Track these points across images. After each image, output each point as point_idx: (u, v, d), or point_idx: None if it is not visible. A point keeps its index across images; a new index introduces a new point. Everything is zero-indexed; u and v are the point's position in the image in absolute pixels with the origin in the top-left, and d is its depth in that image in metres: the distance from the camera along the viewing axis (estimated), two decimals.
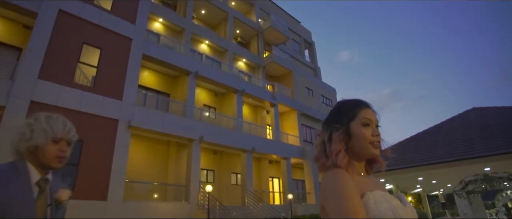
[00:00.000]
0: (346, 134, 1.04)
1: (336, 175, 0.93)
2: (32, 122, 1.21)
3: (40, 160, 1.19)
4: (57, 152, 1.22)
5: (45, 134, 1.19)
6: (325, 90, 26.46)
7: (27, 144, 1.18)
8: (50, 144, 1.20)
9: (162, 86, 16.08)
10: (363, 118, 1.05)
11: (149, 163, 14.05)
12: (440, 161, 9.00)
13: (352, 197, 0.87)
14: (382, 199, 0.91)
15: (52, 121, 1.23)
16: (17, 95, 9.46)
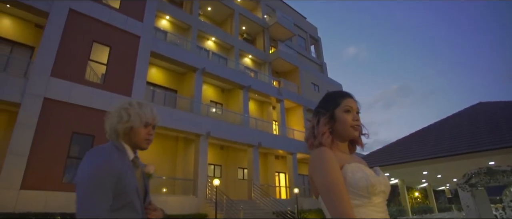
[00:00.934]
0: (331, 119, 1.23)
1: (321, 152, 1.12)
2: (127, 107, 1.38)
3: (132, 140, 1.36)
4: (146, 135, 1.39)
5: (140, 118, 1.36)
6: (331, 86, 26.47)
7: (124, 125, 1.34)
8: (142, 127, 1.37)
9: (170, 83, 16.37)
10: (345, 105, 1.23)
11: (158, 158, 14.38)
12: (443, 155, 9.08)
13: (333, 168, 1.06)
14: (358, 169, 1.10)
15: (144, 108, 1.40)
16: (31, 93, 9.81)
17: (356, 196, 1.06)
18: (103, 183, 1.12)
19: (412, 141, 11.78)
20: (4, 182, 8.59)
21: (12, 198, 8.59)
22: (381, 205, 1.10)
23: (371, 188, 1.06)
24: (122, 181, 1.19)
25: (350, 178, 1.07)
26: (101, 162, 1.17)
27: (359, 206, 1.06)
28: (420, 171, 11.78)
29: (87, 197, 1.11)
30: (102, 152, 1.22)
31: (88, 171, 1.15)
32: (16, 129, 9.26)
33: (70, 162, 10.40)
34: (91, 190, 1.10)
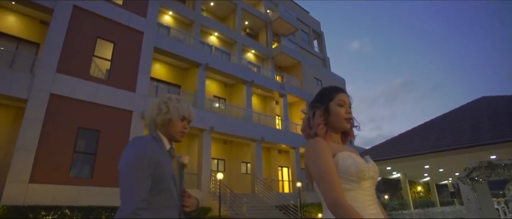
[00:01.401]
0: (325, 112, 1.34)
1: (315, 142, 1.23)
2: (167, 100, 1.49)
3: (169, 132, 1.46)
4: (182, 128, 1.51)
5: (178, 111, 1.47)
6: (334, 81, 26.45)
7: (163, 117, 1.44)
8: (179, 120, 1.48)
9: (173, 78, 16.49)
10: (339, 99, 1.34)
11: None
12: (444, 149, 9.14)
13: (326, 157, 1.17)
14: (348, 157, 1.20)
15: (182, 103, 1.52)
16: (38, 89, 9.99)
17: (347, 181, 1.17)
18: (142, 168, 1.24)
19: (414, 135, 11.83)
20: (13, 176, 8.81)
21: (21, 191, 8.81)
22: (369, 189, 1.21)
23: (361, 173, 1.16)
24: (160, 169, 1.30)
25: (341, 165, 1.18)
26: (141, 150, 1.29)
27: (349, 190, 1.16)
28: (422, 165, 11.84)
29: (128, 180, 1.23)
30: (142, 142, 1.33)
31: (129, 157, 1.28)
32: (24, 125, 9.46)
33: (76, 156, 10.60)
34: (132, 174, 1.23)
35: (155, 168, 1.28)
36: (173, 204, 1.38)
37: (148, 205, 1.25)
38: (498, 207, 12.71)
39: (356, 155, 1.27)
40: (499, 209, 12.97)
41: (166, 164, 1.35)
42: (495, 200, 14.29)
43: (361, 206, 1.14)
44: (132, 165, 1.25)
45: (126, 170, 1.25)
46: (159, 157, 1.31)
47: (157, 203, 1.31)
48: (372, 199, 1.20)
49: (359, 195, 1.16)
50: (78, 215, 9.12)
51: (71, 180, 10.03)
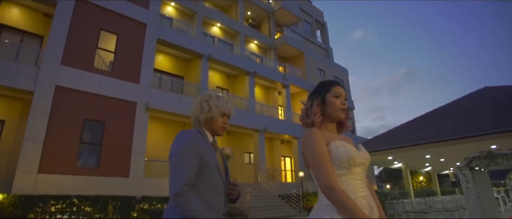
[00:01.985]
0: (322, 102, 1.45)
1: (311, 132, 1.35)
2: (207, 99, 1.62)
3: (211, 127, 1.61)
4: (223, 124, 1.64)
5: (218, 109, 1.60)
6: (337, 71, 26.41)
7: (205, 116, 1.59)
8: (219, 117, 1.61)
9: (176, 69, 16.59)
10: (335, 91, 1.45)
11: (167, 143, 14.77)
12: (444, 139, 9.23)
13: (320, 145, 1.29)
14: (341, 145, 1.32)
15: (221, 100, 1.65)
16: (44, 81, 10.15)
17: (339, 167, 1.29)
18: (188, 157, 1.41)
19: (415, 125, 11.90)
20: (22, 167, 9.06)
21: (30, 181, 9.07)
22: (360, 175, 1.33)
23: (351, 160, 1.28)
24: (205, 158, 1.46)
25: (334, 153, 1.29)
26: (187, 141, 1.46)
27: (342, 175, 1.28)
28: (423, 155, 11.94)
29: (177, 166, 1.41)
30: (188, 134, 1.50)
31: (178, 147, 1.45)
32: (31, 116, 9.65)
33: (83, 147, 10.83)
34: (180, 161, 1.41)
35: (200, 158, 1.43)
36: (218, 191, 1.53)
37: (196, 190, 1.41)
38: (498, 196, 12.85)
39: (348, 143, 1.38)
40: (499, 198, 13.11)
41: (210, 155, 1.50)
42: (495, 190, 14.45)
43: (352, 189, 1.26)
44: (179, 155, 1.42)
45: (175, 157, 1.43)
46: (203, 149, 1.46)
47: (204, 190, 1.46)
48: (362, 183, 1.32)
49: (350, 180, 1.28)
50: (86, 204, 9.39)
51: (78, 170, 10.28)
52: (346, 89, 26.70)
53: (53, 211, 8.82)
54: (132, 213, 10.39)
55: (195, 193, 1.39)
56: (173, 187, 1.35)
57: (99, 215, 9.60)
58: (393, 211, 11.21)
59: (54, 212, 8.83)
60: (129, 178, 11.26)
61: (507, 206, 14.50)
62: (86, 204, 9.40)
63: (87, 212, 9.39)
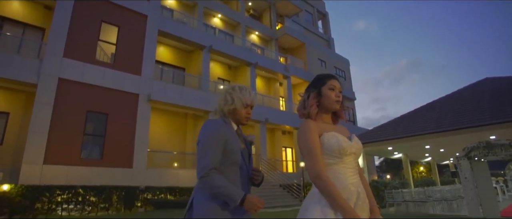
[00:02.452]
0: (318, 94, 1.54)
1: (305, 123, 1.45)
2: (231, 91, 1.74)
3: (235, 117, 1.73)
4: (246, 114, 1.75)
5: (241, 101, 1.71)
6: (338, 62, 26.35)
7: (229, 107, 1.70)
8: (242, 108, 1.72)
9: (178, 61, 16.63)
10: (330, 84, 1.54)
11: (169, 134, 14.95)
12: (443, 129, 9.32)
13: (312, 136, 1.39)
14: (332, 136, 1.41)
15: (244, 92, 1.75)
16: (47, 73, 10.25)
17: (331, 157, 1.39)
18: (214, 143, 1.54)
19: (416, 116, 11.97)
20: (29, 158, 9.24)
21: (37, 172, 9.26)
22: (351, 163, 1.42)
23: (342, 150, 1.38)
24: (229, 145, 1.58)
25: (326, 143, 1.39)
26: (213, 129, 1.59)
27: (333, 164, 1.39)
28: (422, 145, 12.02)
29: (203, 152, 1.52)
30: (214, 123, 1.62)
31: (205, 134, 1.58)
32: (35, 108, 9.79)
33: (86, 139, 10.99)
34: (207, 147, 1.53)
35: (224, 144, 1.56)
36: (243, 174, 1.64)
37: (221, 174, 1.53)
38: (497, 186, 12.99)
39: (342, 134, 1.48)
40: (498, 188, 13.26)
41: (235, 142, 1.62)
42: (494, 180, 14.59)
43: (343, 177, 1.36)
44: (207, 139, 1.54)
45: (202, 143, 1.55)
46: (228, 136, 1.59)
47: (229, 173, 1.58)
48: (353, 171, 1.41)
49: (341, 168, 1.38)
50: (90, 194, 9.61)
51: (82, 161, 10.47)
52: (347, 80, 26.70)
53: (59, 201, 9.04)
54: (136, 202, 10.62)
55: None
56: (200, 171, 1.48)
57: (104, 204, 9.83)
58: (392, 200, 11.38)
59: (60, 202, 9.05)
60: (132, 168, 11.46)
61: (506, 196, 14.68)
62: (91, 194, 9.62)
63: (92, 202, 9.62)
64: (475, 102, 10.56)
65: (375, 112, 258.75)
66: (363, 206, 1.34)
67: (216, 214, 1.45)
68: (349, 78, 27.22)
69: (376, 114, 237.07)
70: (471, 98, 11.16)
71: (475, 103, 10.41)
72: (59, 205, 9.06)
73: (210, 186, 1.46)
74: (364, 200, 1.37)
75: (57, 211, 8.99)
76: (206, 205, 1.47)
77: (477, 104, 10.27)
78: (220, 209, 1.47)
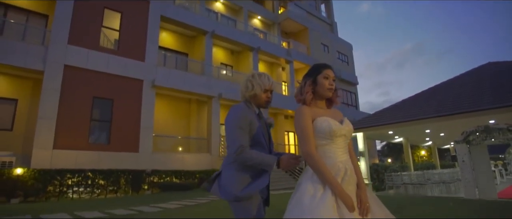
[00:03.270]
0: (313, 83, 1.71)
1: (300, 109, 1.63)
2: (251, 78, 1.90)
3: (256, 102, 1.90)
4: (266, 98, 1.91)
5: (260, 86, 1.87)
6: (341, 46, 26.20)
7: (250, 93, 1.87)
8: (262, 93, 1.88)
9: (180, 46, 16.69)
10: (325, 73, 1.71)
11: (173, 119, 15.22)
12: (442, 114, 9.45)
13: (306, 121, 1.57)
14: (324, 121, 1.59)
15: (263, 77, 1.91)
16: (53, 60, 10.42)
17: (323, 138, 1.57)
18: (241, 124, 1.73)
19: (416, 100, 12.08)
20: (39, 143, 9.56)
21: (47, 156, 9.59)
22: (341, 144, 1.61)
23: (333, 133, 1.56)
24: (253, 126, 1.78)
25: (319, 126, 1.58)
26: (239, 112, 1.77)
27: (325, 144, 1.57)
28: (422, 130, 12.20)
29: (233, 133, 1.71)
30: (239, 107, 1.81)
31: (232, 117, 1.76)
32: (43, 95, 10.02)
33: (93, 124, 11.27)
34: (236, 129, 1.72)
35: (249, 126, 1.75)
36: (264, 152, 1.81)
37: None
38: (495, 169, 13.23)
39: (334, 118, 1.65)
40: (497, 171, 13.51)
41: (257, 123, 1.81)
42: (493, 163, 14.82)
43: (333, 156, 1.55)
44: (235, 123, 1.73)
45: (230, 126, 1.74)
46: (252, 118, 1.78)
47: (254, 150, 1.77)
48: (343, 151, 1.60)
49: (332, 148, 1.57)
50: (99, 177, 9.97)
51: (90, 146, 10.78)
52: (350, 65, 26.63)
53: (70, 184, 9.41)
54: (143, 185, 11.00)
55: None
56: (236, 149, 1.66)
57: (112, 187, 10.21)
58: (392, 183, 11.68)
59: (71, 185, 9.42)
60: (138, 153, 11.78)
61: (504, 179, 14.94)
62: (100, 177, 9.98)
63: (101, 185, 9.99)
64: (476, 87, 10.64)
65: (378, 97, 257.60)
66: (350, 180, 1.52)
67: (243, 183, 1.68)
68: (352, 63, 27.13)
69: (379, 99, 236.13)
70: (472, 82, 11.23)
71: (476, 88, 10.49)
72: (70, 188, 9.44)
73: (249, 159, 1.67)
74: (351, 175, 1.54)
75: (68, 193, 9.38)
76: (236, 176, 1.70)
77: (477, 89, 10.35)
78: (248, 178, 1.70)
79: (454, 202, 6.68)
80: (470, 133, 8.54)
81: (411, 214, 5.18)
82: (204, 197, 8.64)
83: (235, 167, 1.73)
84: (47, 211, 6.24)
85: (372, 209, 1.49)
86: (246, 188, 1.68)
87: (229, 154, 1.74)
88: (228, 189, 1.68)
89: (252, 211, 1.69)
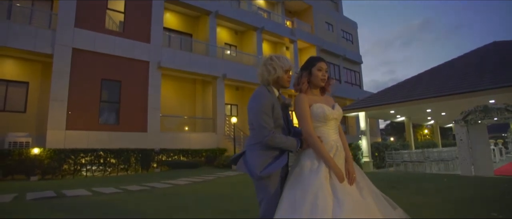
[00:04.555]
0: (309, 74, 1.98)
1: (299, 96, 1.93)
2: (271, 61, 1.97)
3: (278, 84, 2.00)
4: (288, 78, 1.99)
5: (282, 68, 1.96)
6: (345, 25, 25.91)
7: (273, 76, 1.95)
8: (284, 74, 1.97)
9: (185, 27, 16.74)
10: (318, 66, 1.99)
11: (179, 99, 15.56)
12: (442, 94, 9.63)
13: (304, 106, 1.87)
14: (319, 107, 1.89)
15: (282, 59, 1.99)
16: (61, 44, 10.66)
17: (318, 121, 1.88)
18: (266, 110, 1.83)
19: (419, 80, 12.20)
20: (52, 124, 10.00)
21: (60, 137, 10.05)
22: (333, 125, 1.93)
23: (326, 117, 1.87)
24: (275, 109, 1.89)
25: (315, 112, 1.88)
26: (263, 98, 1.87)
27: (320, 126, 1.89)
28: (424, 109, 12.38)
29: (259, 118, 1.82)
30: (262, 93, 1.91)
31: (257, 103, 1.87)
32: (54, 78, 10.35)
33: (103, 105, 11.64)
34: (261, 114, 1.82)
35: (272, 108, 1.87)
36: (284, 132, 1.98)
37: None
38: (495, 147, 13.49)
39: (326, 104, 1.95)
40: (496, 150, 13.77)
41: (278, 106, 1.93)
42: (493, 142, 15.07)
43: (326, 135, 1.87)
44: (260, 109, 1.84)
45: (255, 112, 1.85)
46: (274, 102, 1.90)
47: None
48: (334, 131, 1.92)
49: (326, 129, 1.89)
50: (111, 156, 10.45)
51: (100, 127, 11.21)
52: (355, 44, 26.46)
53: (83, 162, 9.91)
54: (152, 164, 11.50)
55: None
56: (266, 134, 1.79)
57: (123, 165, 10.72)
58: (392, 160, 12.04)
59: (84, 163, 9.92)
60: (147, 132, 12.21)
61: (503, 157, 15.22)
62: (111, 156, 10.47)
63: (112, 163, 10.49)
64: (478, 66, 10.71)
65: (383, 75, 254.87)
66: (340, 155, 1.85)
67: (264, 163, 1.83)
68: (357, 42, 26.91)
69: (384, 77, 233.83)
70: (475, 62, 11.28)
71: (477, 68, 10.58)
72: (84, 167, 9.95)
73: (278, 143, 1.82)
74: (341, 151, 1.87)
75: (82, 172, 9.90)
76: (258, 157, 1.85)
77: (479, 69, 10.43)
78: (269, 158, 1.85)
79: (448, 179, 7.01)
80: (469, 113, 8.74)
81: (406, 188, 5.51)
82: (210, 174, 9.09)
83: (258, 148, 1.86)
84: (66, 187, 6.70)
85: (357, 179, 1.81)
86: (266, 168, 1.81)
87: (252, 136, 1.92)
88: (251, 169, 1.86)
89: (271, 188, 1.82)
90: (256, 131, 1.86)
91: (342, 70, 23.81)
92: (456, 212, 3.70)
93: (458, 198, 4.56)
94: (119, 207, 4.56)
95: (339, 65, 23.71)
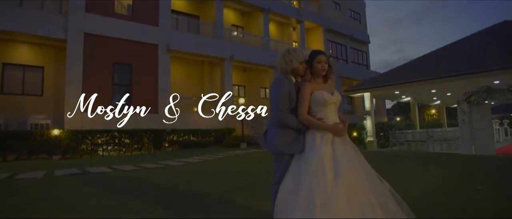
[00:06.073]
0: (311, 67, 2.29)
1: (302, 85, 2.25)
2: (288, 54, 2.23)
3: (295, 73, 2.26)
4: (303, 68, 2.25)
5: (297, 60, 2.21)
6: (353, 4, 25.50)
7: (290, 67, 2.21)
8: (299, 65, 2.22)
9: (191, 9, 16.81)
10: (318, 59, 2.29)
11: (188, 81, 15.91)
12: (444, 76, 9.76)
13: (305, 93, 2.19)
14: (320, 94, 2.20)
15: (297, 52, 2.24)
16: (73, 29, 10.99)
17: (319, 106, 2.20)
18: (283, 94, 2.13)
19: (426, 61, 12.27)
20: (69, 107, 10.51)
21: (77, 119, 10.58)
22: (332, 109, 2.25)
23: (326, 102, 2.19)
24: (292, 95, 2.17)
25: (316, 98, 2.20)
26: (282, 84, 2.17)
27: (321, 110, 2.21)
28: (428, 90, 12.52)
29: (276, 100, 2.13)
30: (282, 79, 2.21)
31: (277, 88, 2.18)
32: (68, 62, 10.76)
33: (115, 88, 12.07)
34: (278, 97, 2.13)
35: (288, 94, 2.16)
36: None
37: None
38: (500, 128, 13.64)
39: (327, 90, 2.27)
40: (501, 129, 13.93)
41: (294, 92, 2.20)
42: (498, 122, 15.18)
43: (327, 117, 2.19)
44: (278, 92, 2.15)
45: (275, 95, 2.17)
46: (291, 88, 2.18)
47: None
48: (333, 113, 2.26)
49: (326, 112, 2.22)
50: (125, 136, 10.98)
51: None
52: (362, 23, 26.16)
53: (100, 143, 10.46)
54: (164, 143, 12.03)
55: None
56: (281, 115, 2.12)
57: (136, 145, 11.26)
58: (396, 140, 12.34)
59: (100, 144, 10.47)
60: (158, 114, 12.68)
61: (508, 137, 15.39)
62: (125, 136, 10.99)
63: (126, 143, 11.03)
64: (484, 47, 10.72)
65: (392, 54, 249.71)
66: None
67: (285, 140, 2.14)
68: (365, 21, 26.56)
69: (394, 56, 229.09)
70: (482, 43, 11.28)
71: (484, 49, 10.60)
72: (100, 147, 10.51)
73: (288, 122, 2.13)
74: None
75: (99, 151, 10.47)
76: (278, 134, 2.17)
77: (485, 50, 10.46)
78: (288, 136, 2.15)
79: (448, 157, 7.33)
80: (472, 94, 8.91)
81: (406, 166, 5.85)
82: (220, 153, 9.56)
83: (277, 126, 2.18)
84: (87, 165, 7.23)
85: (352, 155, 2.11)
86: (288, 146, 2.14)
87: (271, 117, 2.23)
88: (272, 144, 2.17)
89: (287, 161, 2.14)
90: (274, 113, 2.18)
91: (349, 50, 23.71)
92: (442, 186, 4.05)
93: (451, 175, 4.88)
94: (142, 181, 5.03)
95: (346, 45, 23.59)
